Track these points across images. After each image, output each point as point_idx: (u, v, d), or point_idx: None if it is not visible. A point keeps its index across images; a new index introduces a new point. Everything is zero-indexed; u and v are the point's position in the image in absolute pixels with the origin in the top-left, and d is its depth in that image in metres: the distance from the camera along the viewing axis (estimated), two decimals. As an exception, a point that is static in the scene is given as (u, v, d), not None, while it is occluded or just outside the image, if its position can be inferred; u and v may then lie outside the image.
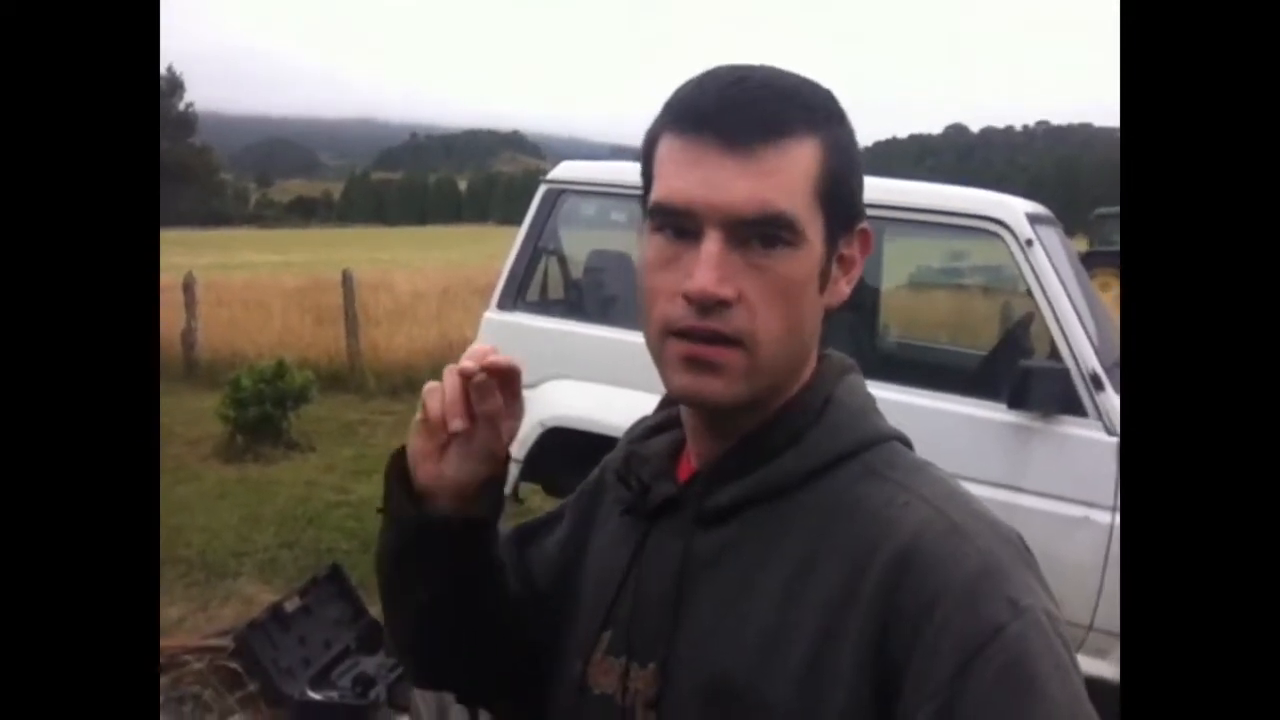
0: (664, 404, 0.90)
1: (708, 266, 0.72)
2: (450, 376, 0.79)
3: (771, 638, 0.73)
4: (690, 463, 0.84)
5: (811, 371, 0.82)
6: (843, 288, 0.80)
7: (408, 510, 0.83)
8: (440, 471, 0.81)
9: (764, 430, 0.79)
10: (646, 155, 0.79)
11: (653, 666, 0.79)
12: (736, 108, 0.73)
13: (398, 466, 0.83)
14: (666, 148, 0.76)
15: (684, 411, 0.84)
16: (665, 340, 0.76)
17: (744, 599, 0.76)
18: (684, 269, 0.73)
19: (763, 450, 0.79)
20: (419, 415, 0.81)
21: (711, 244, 0.72)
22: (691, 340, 0.74)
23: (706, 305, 0.73)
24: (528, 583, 0.93)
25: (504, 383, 0.80)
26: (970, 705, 0.65)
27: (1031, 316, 3.48)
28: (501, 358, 0.79)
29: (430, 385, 0.81)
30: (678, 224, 0.74)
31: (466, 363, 0.79)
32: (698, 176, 0.73)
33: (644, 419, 0.92)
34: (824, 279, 0.77)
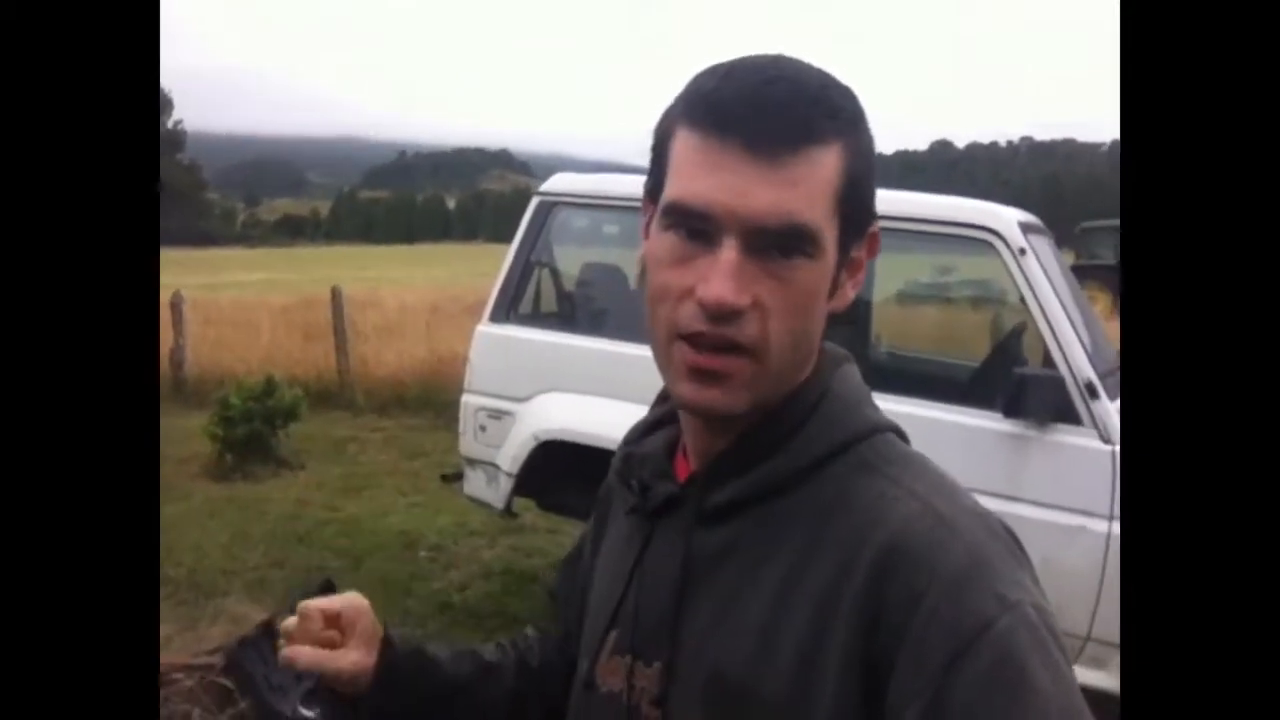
0: (660, 399, 0.89)
1: (725, 275, 0.70)
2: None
3: (766, 633, 0.73)
4: (687, 458, 0.83)
5: (811, 367, 0.80)
6: (848, 292, 0.79)
7: None
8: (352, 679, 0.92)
9: (761, 427, 0.78)
10: (660, 146, 0.76)
11: (658, 665, 0.78)
12: (765, 111, 0.70)
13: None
14: (685, 143, 0.73)
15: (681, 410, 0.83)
16: (673, 344, 0.74)
17: (743, 596, 0.75)
18: (698, 272, 0.72)
19: (760, 447, 0.78)
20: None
21: (729, 251, 0.70)
22: (700, 349, 0.73)
23: (721, 314, 0.71)
24: (580, 604, 0.96)
25: (332, 621, 0.93)
26: (959, 701, 0.64)
27: (1024, 327, 3.49)
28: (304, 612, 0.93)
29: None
30: (692, 225, 0.72)
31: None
32: (719, 180, 0.70)
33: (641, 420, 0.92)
34: (834, 285, 0.76)
